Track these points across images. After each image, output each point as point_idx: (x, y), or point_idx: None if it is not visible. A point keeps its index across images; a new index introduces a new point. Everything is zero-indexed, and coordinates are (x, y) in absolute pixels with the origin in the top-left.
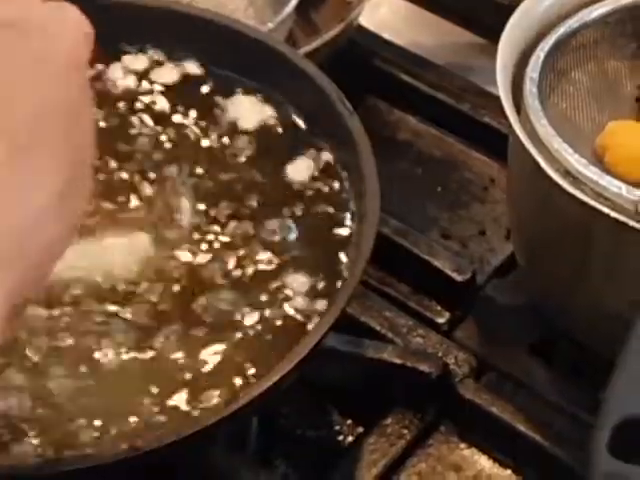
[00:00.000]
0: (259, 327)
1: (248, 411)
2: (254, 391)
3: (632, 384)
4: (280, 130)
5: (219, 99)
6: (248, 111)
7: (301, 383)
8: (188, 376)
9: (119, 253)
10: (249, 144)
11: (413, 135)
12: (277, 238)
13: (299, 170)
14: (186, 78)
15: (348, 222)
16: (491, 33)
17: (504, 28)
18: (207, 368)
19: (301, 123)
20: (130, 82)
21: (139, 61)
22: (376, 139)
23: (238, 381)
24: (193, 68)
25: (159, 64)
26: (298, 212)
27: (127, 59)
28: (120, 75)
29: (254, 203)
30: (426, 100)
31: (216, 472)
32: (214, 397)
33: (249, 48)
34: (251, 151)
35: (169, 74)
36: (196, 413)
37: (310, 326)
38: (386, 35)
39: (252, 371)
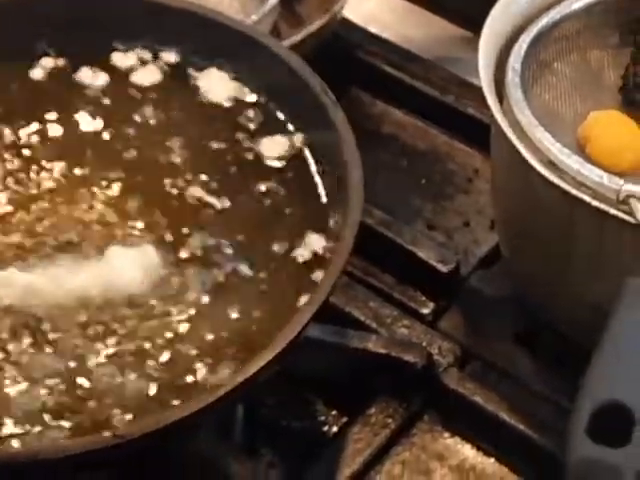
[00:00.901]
0: None
1: (229, 400)
2: (234, 381)
3: (609, 369)
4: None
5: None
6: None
7: (285, 374)
8: None
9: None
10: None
11: (397, 127)
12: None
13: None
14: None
15: (331, 213)
16: (477, 26)
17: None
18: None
19: (283, 115)
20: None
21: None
22: (360, 131)
23: None
24: (173, 59)
25: (143, 63)
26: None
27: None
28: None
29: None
30: (410, 92)
31: (202, 461)
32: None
33: (233, 40)
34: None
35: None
36: None
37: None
38: (372, 28)
39: None
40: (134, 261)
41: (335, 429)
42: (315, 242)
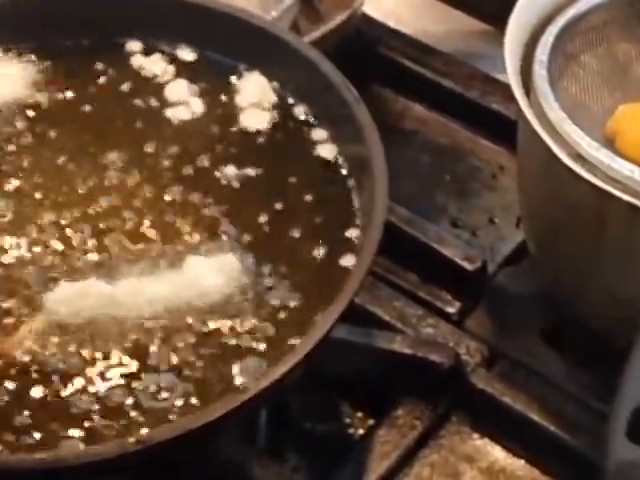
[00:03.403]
0: None
1: (255, 404)
2: (260, 384)
3: None
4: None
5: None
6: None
7: (310, 376)
8: None
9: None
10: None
11: (420, 123)
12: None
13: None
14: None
15: (356, 212)
16: (497, 20)
17: (511, 14)
18: None
19: (306, 111)
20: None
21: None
22: (382, 127)
23: None
24: (193, 55)
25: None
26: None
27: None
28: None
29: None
30: (432, 87)
31: (226, 466)
32: None
33: (253, 36)
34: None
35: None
36: None
37: None
38: (391, 23)
39: None
40: (214, 268)
41: (361, 432)
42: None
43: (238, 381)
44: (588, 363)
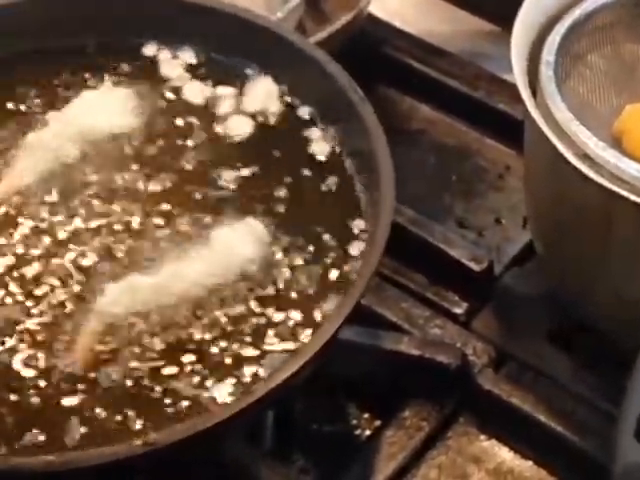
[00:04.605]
0: None
1: (262, 406)
2: (267, 386)
3: None
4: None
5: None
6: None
7: (317, 377)
8: None
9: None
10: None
11: (426, 123)
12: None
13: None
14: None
15: (363, 214)
16: (503, 20)
17: (517, 15)
18: None
19: (311, 111)
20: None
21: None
22: (388, 128)
23: None
24: (198, 57)
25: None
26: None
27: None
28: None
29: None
30: (438, 88)
31: (232, 467)
32: None
33: (258, 37)
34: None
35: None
36: None
37: None
38: (397, 24)
39: None
40: (242, 238)
41: (368, 433)
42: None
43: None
44: (595, 364)
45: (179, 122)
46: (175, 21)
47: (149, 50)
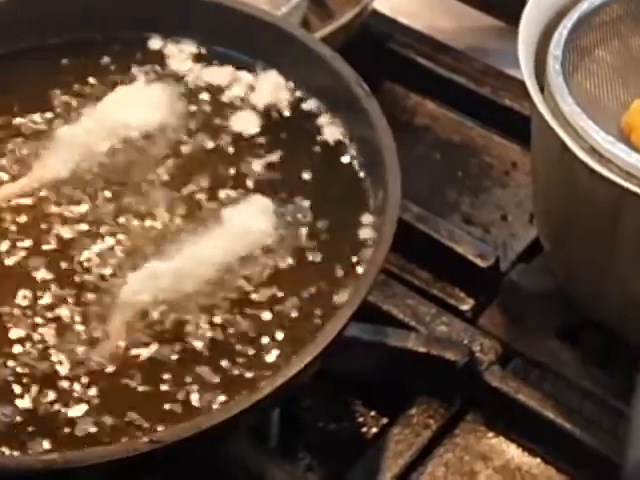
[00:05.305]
0: None
1: (268, 403)
2: (273, 383)
3: None
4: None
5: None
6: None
7: (323, 374)
8: None
9: None
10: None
11: (431, 120)
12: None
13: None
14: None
15: (369, 209)
16: (509, 16)
17: (523, 10)
18: None
19: (317, 106)
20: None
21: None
22: (393, 124)
23: None
24: (204, 52)
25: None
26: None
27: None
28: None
29: None
30: (444, 84)
31: (238, 465)
32: None
33: (263, 32)
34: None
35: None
36: None
37: None
38: (402, 19)
39: None
40: (253, 214)
41: (375, 430)
42: None
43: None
44: (603, 360)
45: (200, 116)
46: (181, 16)
47: (155, 44)
